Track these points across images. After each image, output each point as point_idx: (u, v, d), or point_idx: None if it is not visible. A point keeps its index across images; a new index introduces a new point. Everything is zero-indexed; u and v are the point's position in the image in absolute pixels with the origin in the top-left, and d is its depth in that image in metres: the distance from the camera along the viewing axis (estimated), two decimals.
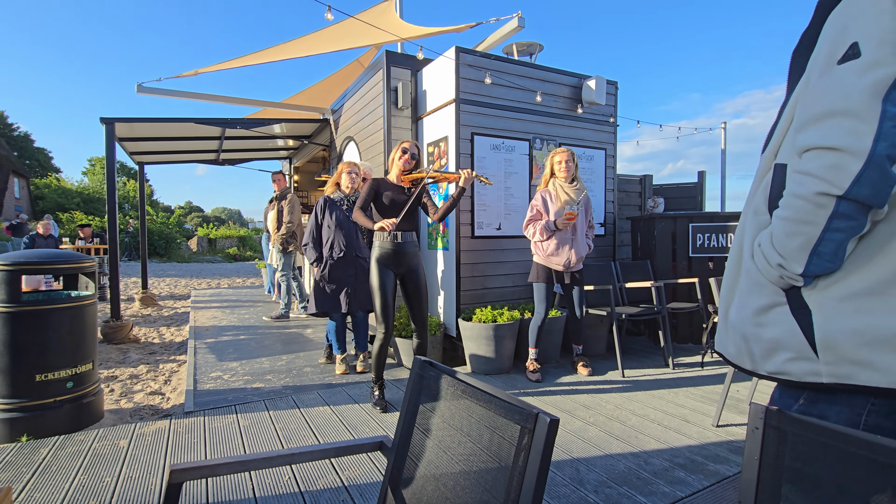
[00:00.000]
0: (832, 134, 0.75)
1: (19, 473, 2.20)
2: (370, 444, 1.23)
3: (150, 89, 5.50)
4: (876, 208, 0.75)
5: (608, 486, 2.10)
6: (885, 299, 0.76)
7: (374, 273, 3.00)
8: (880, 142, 0.71)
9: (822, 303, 0.82)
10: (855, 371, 0.78)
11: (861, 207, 0.75)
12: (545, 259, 3.63)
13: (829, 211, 0.76)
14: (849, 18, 0.77)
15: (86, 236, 11.89)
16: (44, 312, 2.65)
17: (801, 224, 0.80)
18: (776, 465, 0.76)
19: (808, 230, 0.79)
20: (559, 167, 3.62)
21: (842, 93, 0.75)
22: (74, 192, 28.26)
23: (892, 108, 0.70)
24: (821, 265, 0.80)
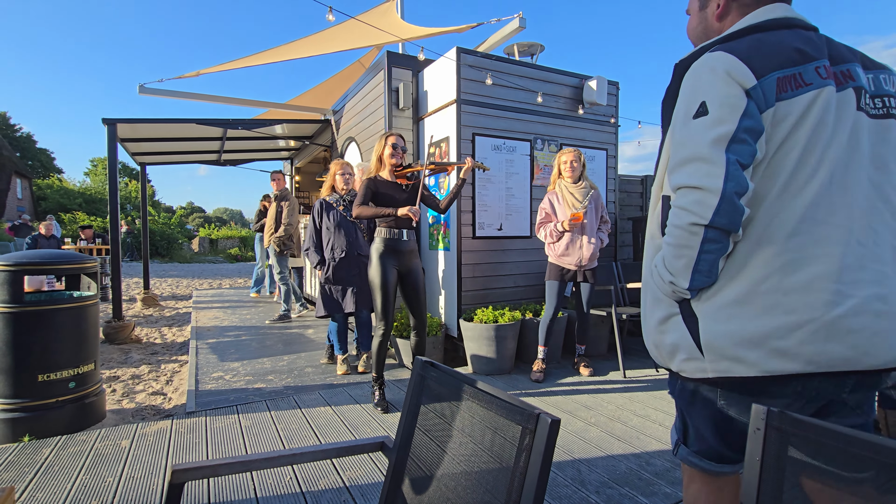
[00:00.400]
0: (694, 176, 0.95)
1: (22, 473, 2.21)
2: (371, 445, 1.23)
3: (152, 90, 5.51)
4: (734, 233, 0.95)
5: (610, 487, 2.10)
6: (748, 307, 0.96)
7: (375, 270, 2.99)
8: (728, 182, 0.92)
9: (705, 311, 1.00)
10: (731, 366, 0.97)
11: (723, 233, 0.95)
12: (557, 259, 3.65)
13: (701, 237, 0.95)
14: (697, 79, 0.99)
15: (87, 238, 11.93)
16: (46, 313, 2.66)
17: (683, 248, 0.98)
18: (778, 465, 0.76)
19: (688, 253, 0.97)
20: (565, 167, 3.64)
21: (697, 143, 0.96)
22: (77, 193, 28.33)
23: (732, 157, 0.92)
24: (701, 280, 0.99)
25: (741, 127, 0.93)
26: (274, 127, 6.52)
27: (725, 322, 0.97)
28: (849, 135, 0.97)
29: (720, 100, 0.94)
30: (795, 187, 0.95)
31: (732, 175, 0.92)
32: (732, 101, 0.94)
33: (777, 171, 0.96)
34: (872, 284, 0.94)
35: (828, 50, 1.01)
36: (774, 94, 0.94)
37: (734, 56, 0.95)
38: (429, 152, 4.40)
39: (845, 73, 1.00)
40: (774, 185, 0.96)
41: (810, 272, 0.94)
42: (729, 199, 0.92)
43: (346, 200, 3.86)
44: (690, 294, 1.01)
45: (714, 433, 1.07)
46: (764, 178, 0.97)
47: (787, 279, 0.94)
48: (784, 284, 0.94)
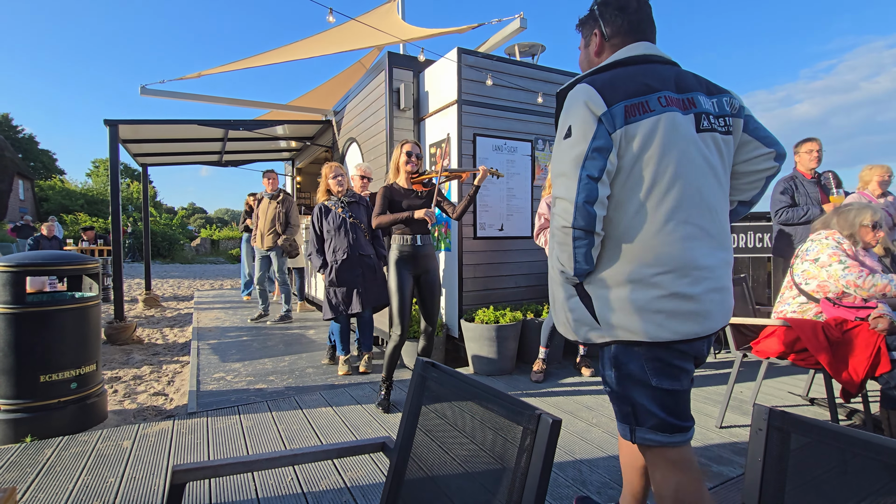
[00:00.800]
0: (561, 189, 1.23)
1: (24, 474, 2.21)
2: (372, 445, 1.23)
3: (154, 91, 5.52)
4: (594, 231, 1.21)
5: (611, 488, 2.10)
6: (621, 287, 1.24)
7: (392, 275, 3.02)
8: (580, 194, 1.18)
9: (594, 291, 1.28)
10: (622, 332, 1.24)
11: (585, 232, 1.21)
12: None
13: (571, 236, 1.22)
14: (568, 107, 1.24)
15: (89, 239, 11.96)
16: (48, 313, 2.66)
17: (563, 244, 1.25)
18: (779, 465, 0.76)
19: (567, 248, 1.24)
20: None
21: (563, 161, 1.22)
22: (79, 194, 28.39)
23: (584, 173, 1.18)
24: (582, 268, 1.25)
25: (591, 147, 1.18)
26: (275, 128, 6.52)
27: (610, 299, 1.25)
28: (693, 151, 1.23)
29: (578, 125, 1.20)
30: (658, 193, 1.21)
31: (583, 188, 1.19)
32: (586, 126, 1.19)
33: (638, 182, 1.22)
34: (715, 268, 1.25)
35: (675, 81, 1.27)
36: (623, 118, 1.19)
37: (592, 88, 1.21)
38: (430, 153, 4.40)
39: (689, 100, 1.26)
40: (639, 191, 1.22)
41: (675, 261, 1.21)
42: (581, 207, 1.19)
43: (343, 201, 3.86)
44: (579, 279, 1.29)
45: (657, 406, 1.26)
46: (626, 187, 1.23)
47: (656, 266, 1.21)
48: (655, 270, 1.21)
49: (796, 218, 3.75)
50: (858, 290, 2.39)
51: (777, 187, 3.92)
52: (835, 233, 2.61)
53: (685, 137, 1.22)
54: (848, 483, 0.68)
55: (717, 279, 1.25)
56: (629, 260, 1.23)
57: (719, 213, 1.28)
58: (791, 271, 2.73)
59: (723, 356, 4.34)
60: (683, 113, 1.24)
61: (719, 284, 1.26)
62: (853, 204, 2.66)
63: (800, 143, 3.94)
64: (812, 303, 2.60)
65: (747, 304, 3.17)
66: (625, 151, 1.21)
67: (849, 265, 2.43)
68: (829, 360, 2.34)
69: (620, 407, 1.33)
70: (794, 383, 3.56)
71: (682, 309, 1.21)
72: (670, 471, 1.26)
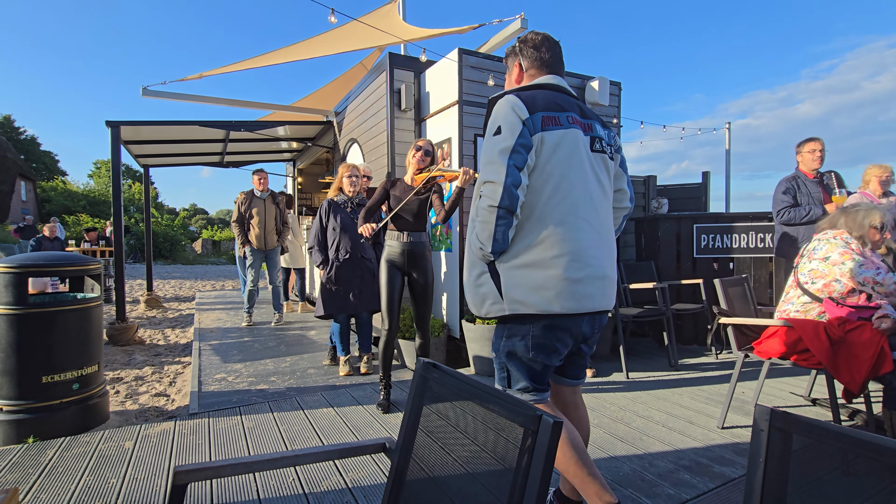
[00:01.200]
0: (490, 174, 1.45)
1: (26, 474, 2.21)
2: (374, 446, 1.23)
3: (155, 92, 5.53)
4: (514, 212, 1.44)
5: (612, 488, 2.09)
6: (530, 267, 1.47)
7: (382, 271, 3.06)
8: (508, 178, 1.42)
9: (503, 270, 1.51)
10: (519, 307, 1.48)
11: (508, 212, 1.43)
12: None
13: (495, 215, 1.43)
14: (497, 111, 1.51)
15: (91, 240, 11.99)
16: (50, 314, 2.67)
17: (486, 223, 1.46)
18: (781, 466, 0.75)
19: (488, 227, 1.45)
20: None
21: (492, 152, 1.46)
22: (80, 195, 28.46)
23: (511, 162, 1.43)
24: (498, 246, 1.47)
25: (517, 143, 1.44)
26: (276, 129, 6.53)
27: (515, 277, 1.49)
28: (588, 164, 1.54)
29: (507, 125, 1.46)
30: (563, 192, 1.49)
31: (510, 173, 1.42)
32: (514, 126, 1.45)
33: (548, 179, 1.49)
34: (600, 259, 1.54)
35: (579, 108, 1.60)
36: (541, 125, 1.47)
37: (518, 99, 1.49)
38: None
39: (589, 125, 1.60)
40: (546, 188, 1.49)
41: (569, 249, 1.48)
42: (508, 188, 1.42)
43: (354, 203, 3.86)
44: (493, 256, 1.51)
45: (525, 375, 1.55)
46: (538, 180, 1.49)
47: (554, 251, 1.47)
48: (553, 254, 1.47)
49: (798, 218, 3.74)
50: (877, 286, 2.38)
51: (779, 187, 3.90)
52: (843, 232, 2.60)
53: (583, 153, 1.54)
54: (850, 484, 0.68)
55: (600, 268, 1.54)
56: (535, 244, 1.48)
57: (605, 217, 1.61)
58: (795, 271, 2.72)
59: (724, 356, 4.34)
60: (584, 133, 1.56)
61: (602, 273, 1.54)
62: (861, 205, 2.65)
63: (802, 143, 3.92)
64: (815, 303, 2.59)
65: (749, 304, 3.16)
66: (540, 152, 1.48)
67: (864, 262, 2.43)
68: (831, 360, 2.33)
69: (499, 372, 1.64)
70: (797, 384, 3.55)
71: (569, 289, 1.47)
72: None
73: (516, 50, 1.71)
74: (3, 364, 2.58)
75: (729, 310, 2.88)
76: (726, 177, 8.89)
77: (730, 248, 4.65)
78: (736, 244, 4.63)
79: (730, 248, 4.65)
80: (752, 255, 4.60)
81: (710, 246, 4.71)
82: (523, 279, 1.47)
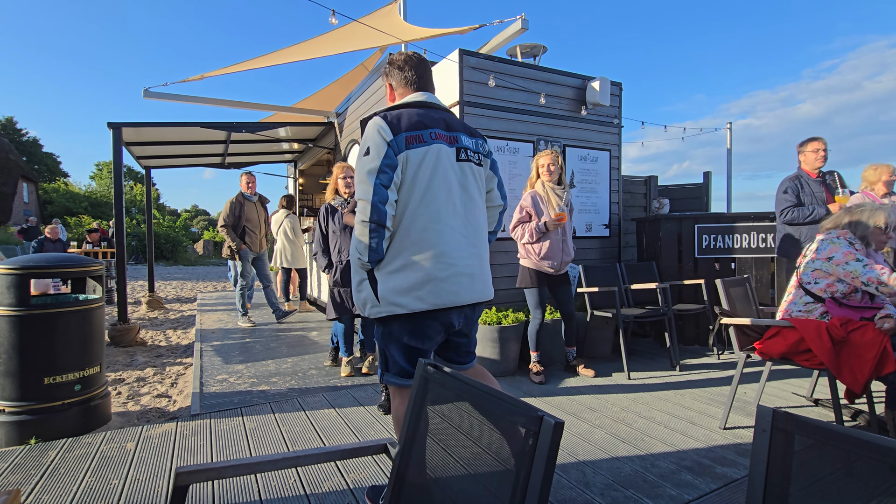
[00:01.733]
0: (360, 192, 1.62)
1: (28, 476, 2.22)
2: (375, 447, 1.23)
3: (157, 94, 5.54)
4: (385, 226, 1.61)
5: (614, 489, 2.09)
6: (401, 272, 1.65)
7: None
8: (375, 195, 1.58)
9: (379, 276, 1.68)
10: (394, 308, 1.65)
11: (378, 226, 1.60)
12: (537, 262, 3.60)
13: (367, 229, 1.60)
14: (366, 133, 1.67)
15: (93, 241, 12.02)
16: (52, 316, 2.67)
17: (360, 236, 1.62)
18: (784, 467, 0.75)
19: (364, 239, 1.62)
20: (543, 170, 3.61)
21: (361, 172, 1.63)
22: (82, 197, 28.52)
23: (377, 181, 1.59)
24: (374, 256, 1.64)
25: (382, 164, 1.60)
26: (278, 130, 6.54)
27: (389, 282, 1.66)
28: (453, 174, 1.72)
29: (374, 147, 1.62)
30: (426, 202, 1.65)
31: (377, 192, 1.59)
32: (380, 148, 1.61)
33: (413, 193, 1.65)
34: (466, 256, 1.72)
35: (444, 122, 1.76)
36: (405, 144, 1.64)
37: (384, 121, 1.65)
38: None
39: (454, 137, 1.76)
40: (412, 200, 1.65)
41: (434, 252, 1.65)
42: (375, 205, 1.58)
43: (351, 204, 3.86)
44: (370, 266, 1.67)
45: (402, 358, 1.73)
46: (406, 194, 1.65)
47: (421, 255, 1.65)
48: (420, 258, 1.65)
49: (802, 218, 3.72)
50: (882, 286, 2.37)
51: (781, 187, 3.89)
52: (846, 232, 2.59)
53: (447, 164, 1.70)
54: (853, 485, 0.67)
55: (466, 267, 1.71)
56: (404, 251, 1.65)
57: (472, 221, 1.77)
58: (798, 271, 2.71)
59: (726, 357, 4.33)
60: (449, 146, 1.72)
61: (469, 271, 1.72)
62: (865, 205, 2.64)
63: (805, 143, 3.90)
64: (818, 303, 2.59)
65: (751, 304, 3.16)
66: (406, 169, 1.65)
67: (867, 262, 2.42)
68: (833, 360, 2.33)
69: (381, 358, 1.81)
70: (799, 384, 3.54)
71: (435, 287, 1.65)
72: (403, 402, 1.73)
73: (384, 71, 1.91)
74: (6, 365, 2.59)
75: (731, 310, 2.88)
76: (727, 177, 8.88)
77: (731, 249, 4.65)
78: (737, 244, 4.63)
79: (731, 248, 4.65)
80: (754, 256, 4.59)
81: (711, 246, 4.70)
82: (395, 283, 1.65)
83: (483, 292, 1.80)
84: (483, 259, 1.82)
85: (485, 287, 1.81)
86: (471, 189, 1.78)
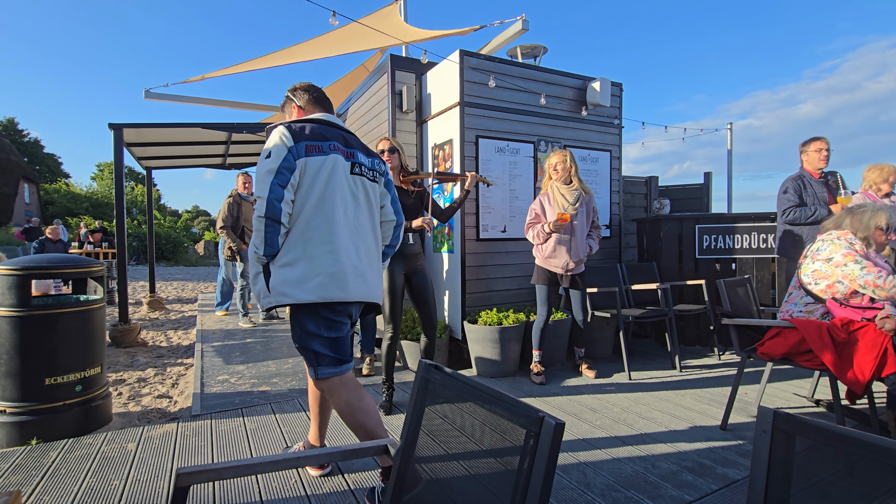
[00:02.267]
0: (259, 190, 1.79)
1: (29, 476, 2.22)
2: (376, 448, 1.23)
3: (158, 95, 5.56)
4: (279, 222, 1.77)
5: (615, 490, 2.09)
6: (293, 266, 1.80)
7: (385, 275, 3.04)
8: (270, 193, 1.75)
9: (273, 269, 1.82)
10: (283, 298, 1.79)
11: (273, 221, 1.76)
12: (544, 261, 3.63)
13: (263, 224, 1.76)
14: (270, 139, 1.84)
15: (95, 241, 12.04)
16: (53, 316, 2.67)
17: (259, 231, 1.78)
18: (785, 468, 0.75)
19: (260, 234, 1.78)
20: (551, 170, 3.64)
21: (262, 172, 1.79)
22: (83, 197, 28.56)
23: (275, 180, 1.76)
24: (269, 250, 1.80)
25: (281, 166, 1.77)
26: None
27: (280, 274, 1.80)
28: (346, 183, 1.91)
29: (275, 151, 1.79)
30: (321, 205, 1.82)
31: (273, 190, 1.75)
32: (280, 152, 1.78)
33: (310, 195, 1.82)
34: (354, 257, 1.89)
35: (343, 139, 1.97)
36: (304, 151, 1.82)
37: (288, 130, 1.83)
38: (433, 155, 4.41)
39: (351, 153, 1.96)
40: (308, 202, 1.82)
41: (327, 248, 1.82)
42: (270, 202, 1.74)
43: None
44: (266, 259, 1.82)
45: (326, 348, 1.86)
46: (303, 197, 1.82)
47: (314, 251, 1.81)
48: (314, 254, 1.81)
49: (804, 218, 3.70)
50: (878, 290, 2.37)
51: (783, 187, 3.88)
52: (847, 233, 2.59)
53: (342, 174, 1.89)
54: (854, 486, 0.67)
55: (353, 267, 1.88)
56: (297, 247, 1.81)
57: (359, 227, 1.95)
58: (799, 272, 2.71)
59: (727, 357, 4.32)
60: (346, 159, 1.92)
61: (360, 270, 1.90)
62: (867, 205, 2.63)
63: (807, 142, 3.88)
64: (819, 303, 2.58)
65: (752, 305, 3.15)
66: (304, 174, 1.81)
67: (866, 265, 2.42)
68: (835, 360, 2.32)
69: (306, 356, 1.90)
70: (800, 385, 3.54)
71: (323, 281, 1.80)
72: (342, 391, 1.88)
73: (289, 97, 2.11)
74: (7, 366, 2.59)
75: (732, 310, 2.87)
76: (728, 177, 8.88)
77: (732, 249, 4.64)
78: (738, 245, 4.62)
79: (732, 248, 4.64)
80: (755, 256, 4.59)
81: (712, 246, 4.70)
82: (286, 276, 1.80)
83: (372, 294, 1.96)
84: (371, 263, 1.98)
85: (375, 289, 1.99)
86: (361, 200, 1.97)
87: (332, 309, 1.86)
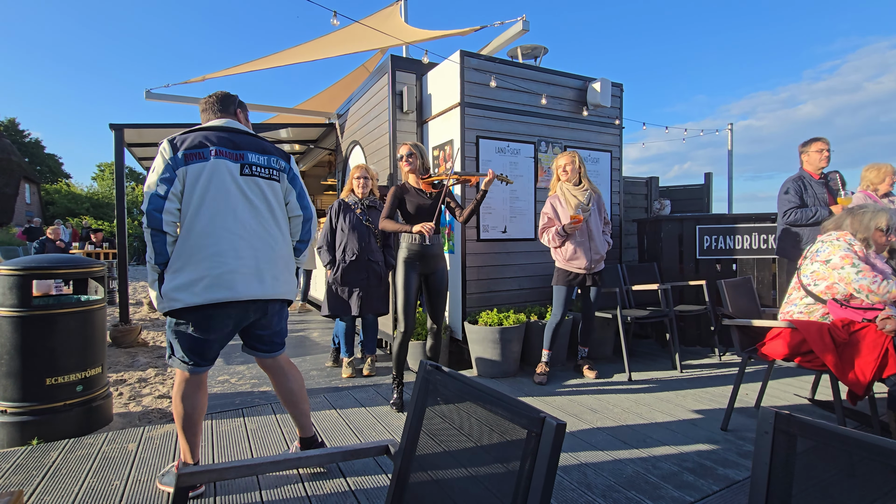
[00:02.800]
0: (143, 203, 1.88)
1: (30, 477, 2.22)
2: (376, 449, 1.23)
3: (159, 95, 5.55)
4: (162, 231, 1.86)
5: (616, 491, 2.09)
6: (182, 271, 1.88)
7: (400, 273, 3.06)
8: (150, 205, 1.85)
9: (166, 276, 1.90)
10: (174, 303, 1.87)
11: (156, 231, 1.86)
12: (565, 263, 3.62)
13: (149, 234, 1.86)
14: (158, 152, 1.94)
15: (97, 241, 12.06)
16: (54, 317, 2.67)
17: (147, 242, 1.89)
18: (786, 469, 0.75)
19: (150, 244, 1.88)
20: (560, 171, 3.64)
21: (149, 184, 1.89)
22: (84, 198, 28.58)
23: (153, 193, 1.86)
24: (160, 259, 1.89)
25: (161, 177, 1.87)
26: (279, 131, 6.54)
27: (171, 280, 1.88)
28: (233, 185, 1.97)
29: (156, 164, 1.90)
30: (203, 210, 1.90)
31: (152, 202, 1.84)
32: (161, 165, 1.89)
33: (192, 202, 1.90)
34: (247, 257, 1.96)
35: (231, 141, 2.02)
36: (184, 161, 1.91)
37: (169, 143, 1.93)
38: (433, 155, 4.41)
39: (240, 155, 2.02)
40: (191, 208, 1.89)
41: (211, 251, 1.89)
42: (150, 213, 1.84)
43: (364, 204, 3.87)
44: (159, 268, 1.91)
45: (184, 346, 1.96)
46: (186, 204, 1.90)
47: (200, 255, 1.88)
48: (198, 258, 1.88)
49: (805, 219, 3.70)
50: (872, 295, 2.37)
51: (783, 187, 3.88)
52: (846, 234, 2.59)
53: (227, 178, 1.95)
54: (855, 486, 0.67)
55: (243, 266, 1.94)
56: (184, 253, 1.88)
57: (254, 226, 2.00)
58: (799, 272, 2.71)
59: (728, 358, 4.32)
60: (233, 161, 1.98)
61: (246, 271, 1.95)
62: (867, 206, 2.63)
63: (808, 143, 3.88)
64: (819, 304, 2.58)
65: (752, 305, 3.15)
66: (186, 182, 1.90)
67: (862, 269, 2.42)
68: (835, 361, 2.32)
69: (168, 344, 2.01)
70: (801, 385, 3.53)
71: (209, 283, 1.87)
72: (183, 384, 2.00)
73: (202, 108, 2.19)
74: (7, 366, 2.59)
75: (732, 311, 2.87)
76: (729, 178, 8.88)
77: (733, 250, 4.64)
78: (739, 245, 4.62)
79: (733, 249, 4.64)
80: (756, 256, 4.59)
81: (712, 247, 4.70)
82: (176, 281, 1.87)
83: (270, 290, 2.02)
84: (271, 261, 2.03)
85: (273, 285, 2.04)
86: (255, 200, 2.01)
87: (219, 310, 1.92)
